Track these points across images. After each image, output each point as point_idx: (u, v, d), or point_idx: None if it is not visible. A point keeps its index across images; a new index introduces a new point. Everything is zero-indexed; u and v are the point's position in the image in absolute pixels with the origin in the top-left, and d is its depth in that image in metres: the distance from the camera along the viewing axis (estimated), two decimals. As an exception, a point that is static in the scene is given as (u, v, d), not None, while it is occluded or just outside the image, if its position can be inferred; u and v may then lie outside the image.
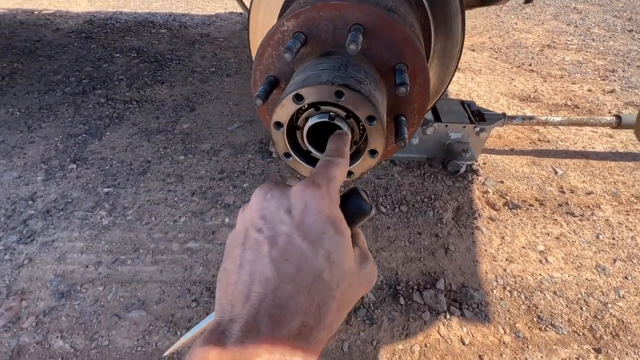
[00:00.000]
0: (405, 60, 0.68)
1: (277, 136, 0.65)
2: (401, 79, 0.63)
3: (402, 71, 0.66)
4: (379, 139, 0.62)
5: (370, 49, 0.68)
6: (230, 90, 2.72)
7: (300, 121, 0.65)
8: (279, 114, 0.61)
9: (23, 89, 2.61)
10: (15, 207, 1.72)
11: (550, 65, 3.24)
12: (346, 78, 0.59)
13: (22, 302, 1.36)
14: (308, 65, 0.66)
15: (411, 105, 0.74)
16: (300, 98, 0.59)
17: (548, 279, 1.49)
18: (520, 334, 1.30)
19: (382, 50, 0.67)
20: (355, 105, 0.58)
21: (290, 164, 0.71)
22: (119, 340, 1.26)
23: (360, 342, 1.27)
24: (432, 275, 1.48)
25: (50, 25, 3.67)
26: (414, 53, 0.67)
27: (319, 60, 0.66)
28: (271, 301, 0.37)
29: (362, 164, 0.67)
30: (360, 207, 0.50)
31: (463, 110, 2.04)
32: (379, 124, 0.60)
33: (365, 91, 0.59)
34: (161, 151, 2.09)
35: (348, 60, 0.66)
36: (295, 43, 0.63)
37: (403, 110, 0.75)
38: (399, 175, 1.97)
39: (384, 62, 0.68)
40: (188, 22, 3.91)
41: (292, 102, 0.59)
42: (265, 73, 0.74)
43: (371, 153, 0.65)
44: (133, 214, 1.71)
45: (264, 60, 0.73)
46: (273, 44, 0.70)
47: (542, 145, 2.25)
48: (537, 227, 1.71)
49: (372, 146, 0.63)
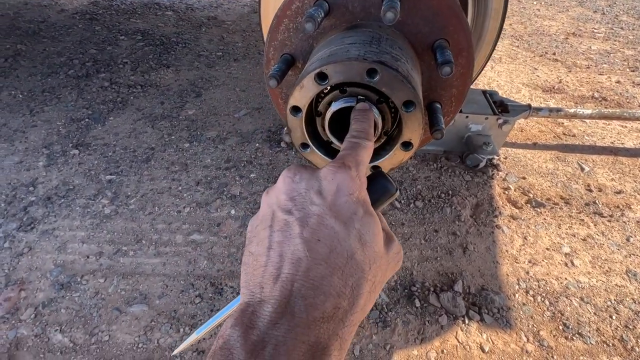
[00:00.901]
0: (448, 35, 0.57)
1: (293, 123, 0.55)
2: (444, 56, 0.52)
3: (444, 48, 0.55)
4: (415, 128, 0.52)
5: (406, 22, 0.57)
6: (237, 75, 2.61)
7: (321, 106, 0.55)
8: (297, 96, 0.52)
9: (26, 71, 2.53)
10: (15, 193, 1.66)
11: (575, 54, 3.06)
12: (380, 54, 0.49)
13: (21, 293, 1.31)
14: (332, 39, 0.55)
15: (449, 90, 0.64)
16: (324, 77, 0.49)
17: (574, 283, 1.39)
18: (545, 342, 1.21)
19: (421, 23, 0.57)
20: (391, 87, 0.48)
21: (306, 156, 0.62)
22: (120, 335, 1.20)
23: (372, 345, 1.19)
24: (450, 277, 1.39)
25: (54, 6, 3.57)
26: (459, 26, 0.56)
27: (346, 34, 0.56)
28: (304, 282, 0.35)
29: (393, 157, 0.57)
30: (386, 188, 0.46)
31: (485, 100, 1.91)
32: (418, 110, 0.50)
33: (403, 70, 0.49)
34: (165, 138, 2.01)
35: (380, 33, 0.55)
36: (318, 11, 0.53)
37: (439, 96, 0.64)
38: (414, 168, 1.86)
39: (422, 37, 0.58)
40: (195, 5, 3.77)
41: (314, 82, 0.49)
42: (280, 50, 0.64)
43: (404, 145, 0.55)
44: (136, 203, 1.64)
45: (278, 35, 0.63)
46: (290, 15, 0.60)
47: (568, 140, 2.11)
48: (562, 227, 1.60)
49: (406, 137, 0.54)
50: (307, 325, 0.33)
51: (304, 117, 0.54)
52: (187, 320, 1.25)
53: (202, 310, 1.28)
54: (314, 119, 0.57)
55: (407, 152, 0.56)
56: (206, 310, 1.28)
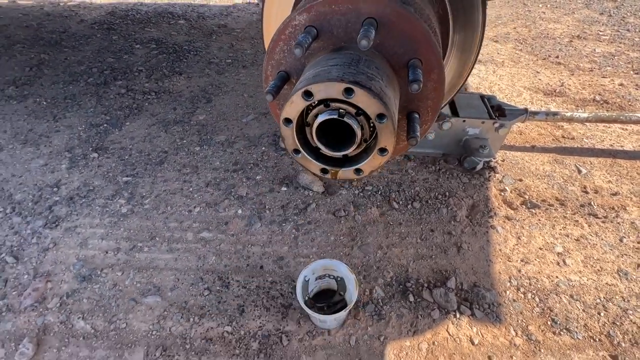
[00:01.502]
0: (420, 56, 0.66)
1: (286, 132, 0.65)
2: (414, 75, 0.61)
3: (415, 67, 0.64)
4: (389, 137, 0.61)
5: (384, 44, 0.66)
6: (245, 82, 2.73)
7: (309, 117, 0.65)
8: (288, 110, 0.61)
9: (49, 80, 2.71)
10: (41, 194, 1.81)
11: (579, 57, 3.08)
12: (357, 75, 0.58)
13: (48, 284, 1.44)
14: (319, 61, 0.65)
15: (425, 102, 0.72)
16: (310, 95, 0.58)
17: (565, 281, 1.44)
18: (533, 336, 1.27)
19: (396, 45, 0.66)
20: (365, 103, 0.57)
21: (299, 161, 0.71)
22: (136, 323, 1.32)
23: (367, 336, 1.27)
24: (443, 274, 1.46)
25: (74, 17, 3.77)
26: (429, 48, 0.65)
27: (330, 56, 0.65)
28: None
29: (372, 161, 0.66)
30: None
31: (482, 104, 1.97)
32: (389, 122, 0.59)
33: (376, 88, 0.58)
34: (178, 142, 2.14)
35: (360, 55, 0.64)
36: (306, 38, 0.63)
37: (416, 107, 0.73)
38: (413, 170, 1.94)
39: (398, 57, 0.67)
40: (206, 13, 3.93)
41: (301, 98, 0.59)
42: (276, 68, 0.74)
43: (381, 151, 0.64)
44: (150, 203, 1.76)
45: (275, 55, 0.72)
46: (284, 39, 0.70)
47: (566, 143, 2.15)
48: (557, 227, 1.65)
49: (382, 144, 0.62)
50: None
51: (294, 127, 0.64)
52: (197, 311, 1.35)
53: (210, 302, 1.38)
54: (304, 128, 0.67)
55: (383, 157, 0.64)
56: (214, 302, 1.38)
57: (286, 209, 1.73)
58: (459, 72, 1.09)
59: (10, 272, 1.47)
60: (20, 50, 3.08)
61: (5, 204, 1.75)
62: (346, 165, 0.70)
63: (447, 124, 1.87)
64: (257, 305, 1.36)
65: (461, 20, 0.94)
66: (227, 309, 1.36)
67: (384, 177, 1.91)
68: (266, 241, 1.59)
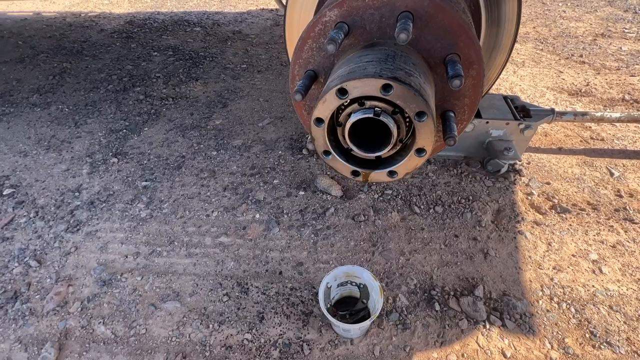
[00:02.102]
0: (459, 50, 0.62)
1: (317, 133, 0.62)
2: (455, 70, 0.57)
3: (454, 62, 0.60)
4: (428, 136, 0.57)
5: (420, 39, 0.63)
6: (261, 86, 2.74)
7: (342, 117, 0.61)
8: (321, 109, 0.58)
9: (71, 87, 2.77)
10: (63, 198, 1.83)
11: (604, 56, 2.96)
12: (395, 70, 0.55)
13: (69, 288, 1.45)
14: (351, 57, 0.62)
15: (461, 100, 0.68)
16: (345, 92, 0.55)
17: (602, 291, 1.35)
18: (570, 350, 1.19)
19: (433, 40, 0.62)
20: (405, 100, 0.53)
21: (329, 162, 0.68)
22: (155, 329, 1.30)
23: (392, 347, 1.22)
24: (470, 281, 1.40)
25: (95, 27, 3.88)
26: (469, 42, 0.61)
27: (363, 52, 0.62)
28: None
29: (408, 163, 0.62)
30: None
31: (506, 105, 1.90)
32: (430, 120, 0.55)
33: (415, 84, 0.54)
34: (195, 147, 2.14)
35: (395, 51, 0.61)
36: (338, 34, 0.60)
37: (452, 105, 0.69)
38: (434, 174, 1.88)
39: (435, 52, 0.63)
40: (221, 20, 3.98)
41: (335, 96, 0.56)
42: (304, 67, 0.71)
43: (418, 151, 0.60)
44: (169, 208, 1.76)
45: (303, 54, 0.70)
46: (314, 36, 0.67)
47: (596, 144, 2.05)
48: (590, 233, 1.56)
49: (420, 144, 0.59)
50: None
51: (326, 127, 0.61)
52: (216, 317, 1.33)
53: (229, 308, 1.36)
54: (335, 129, 0.64)
55: (421, 158, 0.60)
56: (233, 308, 1.36)
57: (304, 214, 1.70)
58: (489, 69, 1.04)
59: (34, 275, 1.49)
60: (44, 59, 3.17)
61: (29, 208, 1.78)
62: (379, 167, 0.66)
63: (469, 126, 1.81)
64: (277, 312, 1.33)
65: (495, 16, 0.90)
66: (246, 315, 1.33)
67: (403, 180, 1.86)
68: (285, 246, 1.56)
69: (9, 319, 1.34)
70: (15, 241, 1.62)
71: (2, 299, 1.40)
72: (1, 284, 1.45)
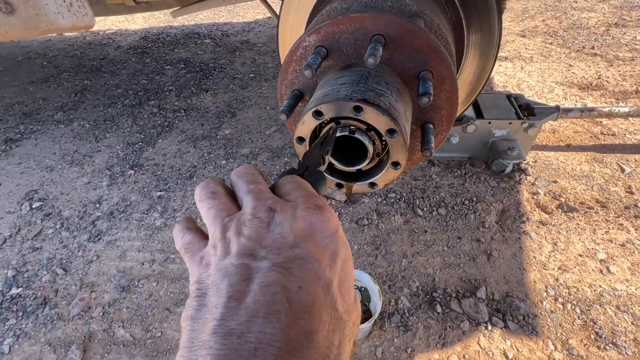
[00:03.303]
0: (430, 68, 0.66)
1: (300, 150, 0.67)
2: (424, 88, 0.61)
3: (425, 79, 0.64)
4: (400, 151, 0.61)
5: (393, 59, 0.67)
6: (268, 94, 2.82)
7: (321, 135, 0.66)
8: (301, 129, 0.63)
9: (91, 103, 2.95)
10: (85, 210, 1.97)
11: (617, 46, 2.87)
12: (365, 92, 0.59)
13: (92, 294, 1.56)
14: (328, 80, 0.67)
15: (438, 112, 0.72)
16: (320, 114, 0.60)
17: (610, 291, 1.33)
18: (574, 351, 1.18)
19: (405, 59, 0.66)
20: (375, 120, 0.58)
21: (314, 176, 0.73)
22: (170, 332, 1.39)
23: (394, 348, 1.25)
24: (473, 283, 1.41)
25: (112, 44, 4.10)
26: (439, 60, 0.65)
27: (340, 74, 0.66)
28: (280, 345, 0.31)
29: (385, 175, 0.67)
30: (320, 178, 0.52)
31: (509, 104, 1.89)
32: (400, 136, 0.59)
33: (384, 104, 0.58)
34: (206, 156, 2.24)
35: (369, 71, 0.65)
36: (315, 59, 0.65)
37: (430, 117, 0.73)
38: (437, 176, 1.89)
39: (408, 70, 0.67)
40: (229, 31, 4.11)
41: (312, 118, 0.61)
42: (290, 87, 0.76)
43: (394, 165, 0.64)
44: (181, 216, 1.85)
45: (288, 75, 0.75)
46: (296, 59, 0.72)
47: (606, 140, 2.00)
48: (598, 232, 1.54)
49: (394, 158, 0.63)
50: None
51: (308, 144, 0.66)
52: (226, 320, 1.40)
53: (238, 311, 1.42)
54: (317, 145, 0.69)
55: (396, 170, 0.64)
56: (242, 311, 1.42)
57: (309, 219, 1.75)
58: (477, 74, 1.06)
59: (60, 283, 1.61)
60: (67, 78, 3.38)
61: (55, 220, 1.92)
62: (361, 179, 0.71)
63: (471, 127, 1.81)
64: (283, 315, 1.39)
65: (476, 23, 0.92)
66: (254, 318, 1.39)
67: (407, 183, 1.88)
68: (290, 251, 1.62)
69: (40, 323, 1.46)
70: (44, 251, 1.75)
71: (33, 305, 1.53)
72: (32, 291, 1.58)
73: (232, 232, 0.36)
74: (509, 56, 2.93)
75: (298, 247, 0.35)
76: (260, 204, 0.38)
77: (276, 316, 0.29)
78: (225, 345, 0.28)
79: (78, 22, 0.99)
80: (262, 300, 0.30)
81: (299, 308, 0.31)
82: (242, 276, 0.32)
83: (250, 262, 0.33)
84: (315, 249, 0.35)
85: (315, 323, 0.31)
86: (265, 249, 0.34)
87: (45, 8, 0.88)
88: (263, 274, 0.32)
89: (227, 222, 0.37)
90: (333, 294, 0.34)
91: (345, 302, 0.35)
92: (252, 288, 0.31)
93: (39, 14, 0.84)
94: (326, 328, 0.31)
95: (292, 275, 0.32)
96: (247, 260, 0.33)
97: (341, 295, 0.35)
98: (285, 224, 0.36)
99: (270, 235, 0.35)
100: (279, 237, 0.35)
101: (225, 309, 0.30)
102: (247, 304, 0.30)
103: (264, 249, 0.34)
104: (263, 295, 0.30)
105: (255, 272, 0.32)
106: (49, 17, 0.87)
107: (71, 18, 0.95)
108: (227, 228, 0.36)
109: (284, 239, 0.35)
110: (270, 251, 0.34)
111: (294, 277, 0.32)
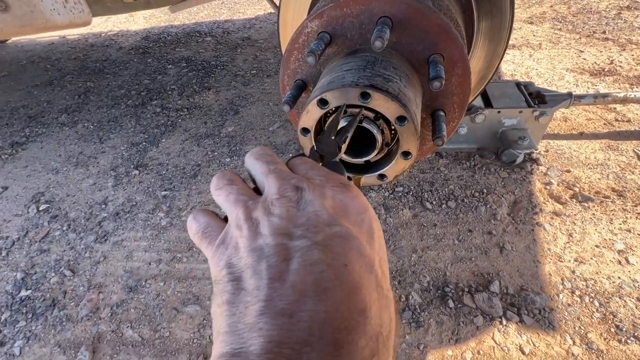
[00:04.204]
0: (441, 51, 0.62)
1: (304, 142, 0.64)
2: (435, 72, 0.57)
3: (436, 63, 0.60)
4: (411, 139, 0.58)
5: (401, 42, 0.63)
6: (270, 90, 2.79)
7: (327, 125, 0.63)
8: (305, 120, 0.60)
9: (95, 105, 2.95)
10: (92, 211, 1.96)
11: (630, 30, 2.77)
12: (372, 78, 0.56)
13: (100, 295, 1.55)
14: (333, 67, 0.63)
15: (450, 98, 0.68)
16: (325, 102, 0.57)
17: (630, 282, 1.28)
18: (594, 345, 1.14)
19: (414, 42, 0.62)
20: (383, 106, 0.54)
21: (320, 169, 0.70)
22: (178, 332, 1.38)
23: (406, 345, 1.22)
24: (485, 277, 1.37)
25: (114, 45, 4.09)
26: (450, 42, 0.61)
27: (345, 60, 0.63)
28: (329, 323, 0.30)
29: (395, 166, 0.63)
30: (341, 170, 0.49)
31: (519, 92, 1.84)
32: (410, 124, 0.55)
33: (393, 90, 0.55)
34: (209, 155, 2.22)
35: (375, 56, 0.62)
36: (318, 45, 0.61)
37: (441, 104, 0.69)
38: (446, 168, 1.84)
39: (417, 54, 0.63)
40: (230, 28, 4.07)
41: (317, 107, 0.58)
42: (292, 77, 0.73)
43: (404, 155, 0.61)
44: (187, 215, 1.84)
45: (290, 64, 0.72)
46: (298, 47, 0.69)
47: (621, 126, 1.94)
48: (615, 222, 1.48)
49: (404, 147, 0.59)
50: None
51: (312, 136, 0.63)
52: (234, 319, 1.38)
53: (246, 310, 1.41)
54: (322, 136, 0.65)
55: (407, 160, 0.61)
56: (250, 310, 1.41)
57: (316, 215, 1.72)
58: (487, 61, 1.02)
59: (69, 284, 1.61)
60: (70, 80, 3.39)
61: (62, 222, 1.92)
62: (369, 171, 0.67)
63: (480, 117, 1.76)
64: (291, 313, 1.36)
65: (486, 6, 0.88)
66: (262, 317, 1.37)
67: (414, 176, 1.84)
68: (297, 248, 1.60)
69: (49, 325, 1.46)
70: (52, 253, 1.75)
71: (42, 307, 1.53)
72: (41, 293, 1.58)
73: (260, 212, 0.34)
74: (517, 44, 2.85)
75: (335, 224, 0.33)
76: (285, 182, 0.36)
77: (326, 294, 0.28)
78: (277, 326, 0.26)
79: (74, 19, 0.96)
80: (309, 280, 0.29)
81: (349, 285, 0.29)
82: (280, 256, 0.30)
83: (287, 242, 0.31)
84: (352, 227, 0.34)
85: (367, 300, 0.29)
86: (300, 228, 0.32)
87: (41, 5, 0.86)
88: (304, 253, 0.30)
89: (252, 204, 0.35)
90: (377, 272, 0.33)
91: (386, 280, 0.34)
92: (293, 267, 0.30)
93: (34, 11, 0.83)
94: (376, 305, 0.30)
95: (334, 253, 0.31)
96: (284, 239, 0.32)
97: (383, 273, 0.34)
98: (316, 202, 0.34)
99: (303, 214, 0.34)
100: (313, 216, 0.33)
101: (270, 289, 0.29)
102: (293, 283, 0.29)
103: (298, 228, 0.32)
104: (309, 274, 0.29)
105: (295, 251, 0.31)
106: (45, 14, 0.85)
107: (67, 15, 0.93)
108: (252, 209, 0.35)
109: (318, 217, 0.33)
110: (307, 229, 0.32)
111: (337, 255, 0.31)
